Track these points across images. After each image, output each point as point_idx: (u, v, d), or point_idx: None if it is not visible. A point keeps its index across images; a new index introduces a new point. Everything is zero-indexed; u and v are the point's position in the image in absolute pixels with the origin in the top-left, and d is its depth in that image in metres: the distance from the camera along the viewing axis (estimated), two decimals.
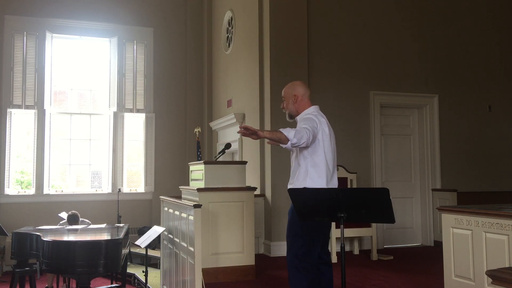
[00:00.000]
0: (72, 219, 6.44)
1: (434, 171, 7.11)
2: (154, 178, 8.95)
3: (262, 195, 6.39)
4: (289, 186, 3.29)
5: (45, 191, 8.35)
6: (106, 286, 6.12)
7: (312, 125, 3.16)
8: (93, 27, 8.87)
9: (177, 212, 4.72)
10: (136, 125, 9.12)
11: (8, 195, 8.18)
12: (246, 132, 2.95)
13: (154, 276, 6.49)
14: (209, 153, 8.76)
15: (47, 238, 4.70)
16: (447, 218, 3.84)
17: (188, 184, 5.33)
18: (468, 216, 3.63)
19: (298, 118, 3.37)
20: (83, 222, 6.67)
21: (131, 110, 9.01)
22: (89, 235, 5.54)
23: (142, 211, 8.74)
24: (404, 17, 7.17)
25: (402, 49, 7.11)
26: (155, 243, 6.65)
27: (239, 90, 7.55)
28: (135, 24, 9.07)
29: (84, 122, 8.99)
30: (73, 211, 6.61)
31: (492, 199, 6.22)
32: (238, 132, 3.07)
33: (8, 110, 8.31)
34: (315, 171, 3.20)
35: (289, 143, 3.02)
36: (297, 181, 3.24)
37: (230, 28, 8.16)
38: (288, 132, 3.01)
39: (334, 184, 3.27)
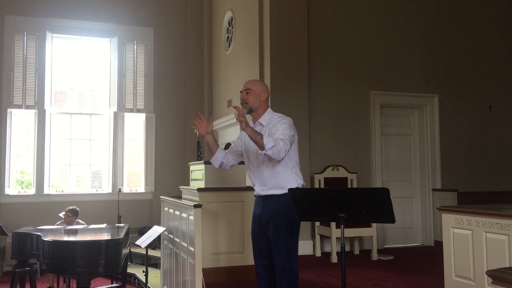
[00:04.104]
0: (73, 212, 6.55)
1: (434, 171, 7.10)
2: (154, 178, 8.94)
3: None
4: (273, 192, 3.11)
5: (45, 191, 8.34)
6: (106, 286, 6.12)
7: (290, 134, 3.03)
8: (93, 27, 8.86)
9: (177, 212, 4.72)
10: (136, 125, 9.12)
11: (8, 195, 8.18)
12: (239, 114, 2.91)
13: (154, 276, 6.49)
14: (209, 153, 8.73)
15: (48, 238, 4.69)
16: (447, 218, 3.84)
17: (188, 184, 5.33)
18: (468, 216, 3.63)
19: (265, 119, 3.25)
20: (78, 223, 6.65)
21: (131, 110, 9.00)
22: (89, 235, 5.54)
23: (142, 211, 8.74)
24: (405, 17, 7.17)
25: (402, 49, 7.11)
26: (155, 243, 6.65)
27: (239, 90, 7.52)
28: (135, 24, 9.06)
29: (84, 122, 8.98)
30: (74, 207, 6.71)
31: (492, 199, 6.23)
32: (234, 107, 3.07)
33: (8, 110, 8.30)
34: (298, 169, 3.20)
35: (263, 152, 2.90)
36: (284, 184, 3.07)
37: (230, 28, 8.15)
38: (268, 142, 2.88)
39: None
